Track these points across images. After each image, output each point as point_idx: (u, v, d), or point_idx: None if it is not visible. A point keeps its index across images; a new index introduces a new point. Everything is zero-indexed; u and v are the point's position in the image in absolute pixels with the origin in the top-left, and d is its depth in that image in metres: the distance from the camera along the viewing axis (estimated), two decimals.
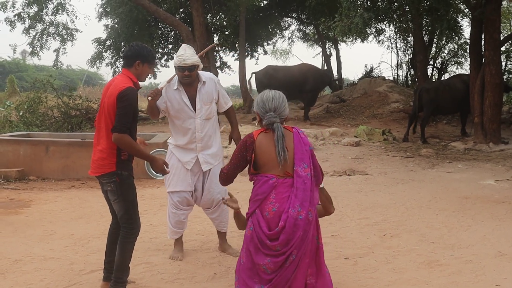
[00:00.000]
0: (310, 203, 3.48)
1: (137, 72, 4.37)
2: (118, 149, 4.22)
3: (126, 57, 4.38)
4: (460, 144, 14.23)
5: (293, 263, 3.43)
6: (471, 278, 4.80)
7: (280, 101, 3.68)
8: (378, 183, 9.54)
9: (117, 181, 4.26)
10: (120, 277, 4.37)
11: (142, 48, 4.41)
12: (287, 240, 3.41)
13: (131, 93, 4.14)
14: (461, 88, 15.37)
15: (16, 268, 5.11)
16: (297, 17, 28.82)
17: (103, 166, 4.25)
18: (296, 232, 3.41)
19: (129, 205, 4.35)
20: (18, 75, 40.01)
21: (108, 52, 23.71)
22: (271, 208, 3.50)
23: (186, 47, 5.10)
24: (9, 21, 20.63)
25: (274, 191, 3.53)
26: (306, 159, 3.55)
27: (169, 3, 20.76)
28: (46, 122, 16.51)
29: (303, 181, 3.48)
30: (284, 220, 3.42)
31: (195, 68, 5.05)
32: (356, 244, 5.89)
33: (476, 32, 15.08)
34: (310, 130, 14.16)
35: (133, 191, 4.39)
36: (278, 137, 3.52)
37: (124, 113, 4.12)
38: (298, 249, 3.43)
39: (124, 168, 4.29)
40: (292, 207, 3.43)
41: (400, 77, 27.99)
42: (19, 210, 7.63)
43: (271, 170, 3.59)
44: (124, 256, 4.38)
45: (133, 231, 4.39)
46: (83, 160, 9.81)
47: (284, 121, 3.71)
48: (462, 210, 7.38)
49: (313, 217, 3.51)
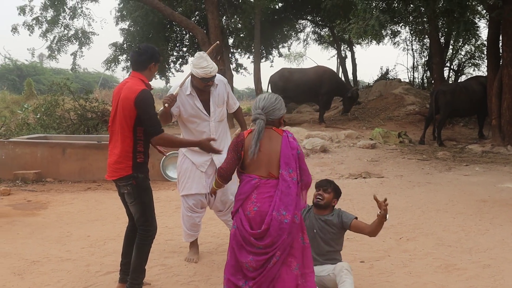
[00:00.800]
0: (296, 207, 3.57)
1: (151, 73, 4.46)
2: (134, 152, 4.26)
3: (140, 61, 4.40)
4: (478, 146, 14.10)
5: (277, 264, 3.52)
6: (489, 282, 4.77)
7: (271, 101, 3.78)
8: (394, 186, 9.50)
9: (134, 184, 4.29)
10: (136, 279, 4.39)
11: (153, 49, 4.49)
12: (271, 242, 3.52)
13: (147, 95, 4.21)
14: (478, 90, 15.23)
15: (34, 269, 5.16)
16: (312, 19, 28.78)
17: (119, 169, 4.29)
18: (282, 236, 3.51)
19: (145, 208, 4.38)
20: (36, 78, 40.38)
21: (124, 56, 23.87)
22: (253, 208, 3.61)
23: (206, 57, 5.03)
24: (27, 25, 20.85)
25: (256, 191, 3.63)
26: (292, 163, 3.62)
27: (184, 6, 20.81)
28: (63, 125, 16.64)
29: (288, 185, 3.57)
30: (267, 223, 3.53)
31: (215, 77, 5.09)
32: (372, 247, 5.87)
33: (493, 34, 14.95)
34: (325, 133, 14.11)
35: (149, 193, 4.42)
36: (255, 131, 3.64)
37: (150, 115, 4.19)
38: (283, 251, 3.53)
39: (140, 170, 4.32)
40: (277, 211, 3.52)
41: (416, 79, 27.82)
42: (36, 211, 7.73)
43: (255, 171, 3.69)
44: (141, 258, 4.41)
45: (150, 233, 4.42)
46: (99, 162, 9.91)
47: (276, 123, 3.81)
48: (479, 214, 7.34)
49: (299, 220, 3.62)
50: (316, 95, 18.13)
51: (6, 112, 20.75)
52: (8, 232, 6.52)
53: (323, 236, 4.50)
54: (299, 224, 3.63)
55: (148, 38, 21.84)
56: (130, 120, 4.22)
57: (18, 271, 5.10)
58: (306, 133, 13.94)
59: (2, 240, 6.15)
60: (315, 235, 4.52)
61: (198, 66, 4.96)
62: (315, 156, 12.26)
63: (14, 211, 7.69)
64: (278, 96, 3.88)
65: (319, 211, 4.58)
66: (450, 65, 25.54)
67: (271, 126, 3.77)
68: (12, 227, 6.79)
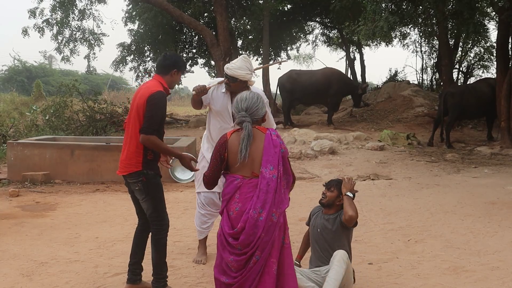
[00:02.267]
0: (274, 205, 3.59)
1: (171, 79, 4.60)
2: (145, 149, 4.37)
3: (164, 65, 4.57)
4: (486, 148, 14.08)
5: (258, 264, 3.54)
6: (498, 285, 4.77)
7: (253, 102, 3.81)
8: (402, 188, 9.51)
9: (144, 180, 4.40)
10: (160, 273, 4.52)
11: (179, 58, 4.71)
12: (247, 240, 3.54)
13: (160, 97, 4.34)
14: (487, 92, 15.19)
15: (42, 271, 5.19)
16: (321, 21, 28.80)
17: (129, 165, 4.41)
18: (256, 233, 3.52)
19: (157, 203, 4.48)
20: (44, 79, 40.57)
21: (131, 57, 23.98)
22: (235, 208, 3.65)
23: (241, 59, 5.12)
24: (37, 27, 20.99)
25: (238, 191, 3.67)
26: (273, 161, 3.63)
27: (193, 8, 20.92)
28: (72, 126, 16.78)
29: (267, 183, 3.58)
30: (244, 221, 3.56)
31: (236, 81, 5.08)
32: (380, 249, 5.89)
33: (503, 36, 14.94)
34: (334, 135, 14.13)
35: (160, 189, 4.52)
36: (244, 135, 3.65)
37: (153, 115, 4.29)
38: (262, 250, 3.54)
39: (150, 167, 4.43)
40: (254, 209, 3.55)
41: (425, 81, 27.82)
42: (45, 213, 7.75)
43: (239, 171, 3.72)
44: (160, 252, 4.52)
45: (163, 227, 4.53)
46: (108, 163, 9.94)
47: (260, 121, 3.87)
48: (488, 216, 7.33)
49: (277, 219, 3.60)
50: (324, 97, 18.13)
51: (15, 113, 20.88)
52: (16, 234, 6.55)
53: (325, 235, 4.54)
54: (277, 222, 3.61)
55: (157, 39, 21.94)
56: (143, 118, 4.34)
57: (26, 272, 5.14)
58: (314, 134, 13.96)
59: (11, 242, 6.18)
60: (319, 234, 4.58)
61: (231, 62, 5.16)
62: (323, 158, 12.29)
63: (22, 213, 7.72)
64: (258, 94, 3.93)
65: (325, 210, 4.64)
66: (459, 67, 25.51)
67: (255, 125, 3.79)
68: (20, 228, 6.82)
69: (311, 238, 4.72)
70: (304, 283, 4.29)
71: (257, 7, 20.50)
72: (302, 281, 4.29)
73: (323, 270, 4.40)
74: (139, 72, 24.12)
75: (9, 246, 5.98)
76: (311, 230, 4.72)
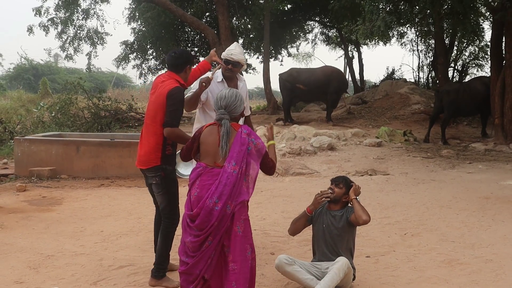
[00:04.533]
0: (230, 198, 3.77)
1: (186, 75, 4.76)
2: (164, 144, 4.53)
3: (177, 65, 4.70)
4: (481, 145, 14.15)
5: (210, 248, 3.77)
6: (491, 277, 4.85)
7: (231, 100, 3.99)
8: (399, 183, 9.56)
9: (162, 175, 4.56)
10: (162, 263, 4.66)
11: (188, 54, 4.85)
12: (201, 225, 3.78)
13: (179, 92, 4.51)
14: (482, 90, 15.27)
15: (48, 263, 5.29)
16: (320, 20, 28.77)
17: (149, 160, 4.56)
18: (210, 221, 3.75)
19: (171, 198, 4.64)
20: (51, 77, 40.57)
21: (134, 54, 24.04)
22: (194, 193, 3.89)
23: (237, 45, 5.32)
24: (42, 26, 21.06)
25: (199, 178, 3.89)
26: (238, 158, 3.81)
27: (195, 8, 20.97)
28: (77, 123, 16.88)
29: (227, 177, 3.78)
30: (200, 207, 3.80)
31: (238, 65, 5.24)
32: (377, 243, 5.97)
33: (497, 35, 15.06)
34: (333, 131, 14.15)
35: (175, 185, 4.68)
36: (223, 132, 3.86)
37: (175, 109, 4.46)
38: (214, 236, 3.77)
39: (168, 162, 4.60)
40: (210, 198, 3.76)
41: (421, 79, 27.81)
42: (51, 207, 7.85)
43: (204, 159, 3.97)
44: (166, 244, 4.67)
45: (174, 221, 4.69)
46: (112, 159, 10.08)
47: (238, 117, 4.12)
48: (482, 210, 7.39)
49: (231, 210, 3.79)
50: (323, 94, 18.15)
51: (22, 110, 20.93)
52: (24, 227, 6.66)
53: (330, 231, 4.59)
54: (230, 213, 3.79)
55: (159, 38, 21.99)
56: (162, 115, 4.49)
57: (33, 265, 5.24)
58: (314, 131, 13.99)
59: (18, 235, 6.29)
60: (324, 230, 4.62)
61: (227, 48, 5.26)
62: (322, 154, 12.33)
63: (29, 207, 7.83)
64: (237, 92, 4.08)
65: (330, 206, 4.70)
66: (454, 65, 25.55)
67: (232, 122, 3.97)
68: (27, 222, 6.93)
69: (316, 233, 4.75)
70: (303, 275, 4.38)
71: (258, 7, 20.54)
72: (301, 273, 4.39)
73: (324, 266, 4.47)
74: (142, 70, 24.20)
75: (17, 240, 6.08)
76: (316, 226, 4.74)
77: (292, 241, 6.01)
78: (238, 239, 3.81)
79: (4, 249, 5.73)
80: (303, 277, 4.38)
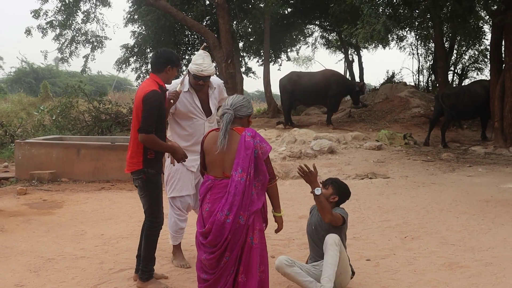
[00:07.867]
0: (241, 208, 3.67)
1: (167, 76, 4.68)
2: (144, 149, 4.50)
3: (157, 63, 4.64)
4: (481, 148, 14.18)
5: (228, 264, 3.68)
6: (491, 280, 4.86)
7: (239, 100, 3.96)
8: (399, 186, 9.57)
9: (144, 178, 4.55)
10: (146, 266, 4.66)
11: (171, 53, 4.73)
12: (214, 241, 3.69)
13: (154, 95, 4.41)
14: (482, 93, 15.31)
15: (49, 266, 5.29)
16: (320, 24, 28.80)
17: (132, 164, 4.57)
18: (223, 235, 3.65)
19: (153, 201, 4.63)
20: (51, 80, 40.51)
21: (134, 58, 24.06)
22: (205, 208, 3.81)
23: (205, 56, 5.10)
24: (41, 28, 21.06)
25: (210, 192, 3.82)
26: (244, 164, 3.71)
27: (196, 11, 20.98)
28: (78, 126, 16.89)
29: (235, 186, 3.68)
30: (211, 222, 3.70)
31: (208, 78, 5.13)
32: (377, 246, 5.98)
33: (496, 39, 15.11)
34: (333, 134, 14.15)
35: (158, 188, 4.65)
36: (223, 123, 3.79)
37: (148, 114, 4.39)
38: (231, 251, 3.67)
39: (150, 166, 4.56)
40: (221, 211, 3.67)
41: (421, 82, 27.82)
42: (52, 210, 7.86)
43: (212, 171, 3.88)
44: (149, 247, 4.66)
45: (155, 224, 4.67)
46: (113, 162, 10.11)
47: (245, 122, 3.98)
48: (482, 213, 7.40)
49: (245, 221, 3.69)
50: (324, 98, 18.18)
51: (22, 113, 21.01)
52: (24, 231, 6.66)
53: (319, 232, 4.61)
54: (245, 224, 3.69)
55: (159, 41, 22.00)
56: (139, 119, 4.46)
57: (34, 268, 5.24)
58: (314, 134, 13.99)
59: (19, 238, 6.29)
60: (314, 231, 4.66)
61: (194, 62, 5.06)
62: (322, 157, 12.32)
63: (30, 210, 7.83)
64: (246, 97, 4.08)
65: None
66: (454, 69, 25.60)
67: (235, 126, 3.88)
68: (28, 225, 6.93)
69: (308, 234, 4.79)
70: (303, 277, 4.39)
71: (258, 11, 20.57)
72: (301, 275, 4.40)
73: (322, 264, 4.45)
74: (141, 73, 24.22)
75: (17, 243, 6.08)
76: (307, 227, 4.80)
77: (293, 244, 6.02)
78: (250, 251, 3.73)
79: (4, 252, 5.73)
80: (303, 279, 4.39)
